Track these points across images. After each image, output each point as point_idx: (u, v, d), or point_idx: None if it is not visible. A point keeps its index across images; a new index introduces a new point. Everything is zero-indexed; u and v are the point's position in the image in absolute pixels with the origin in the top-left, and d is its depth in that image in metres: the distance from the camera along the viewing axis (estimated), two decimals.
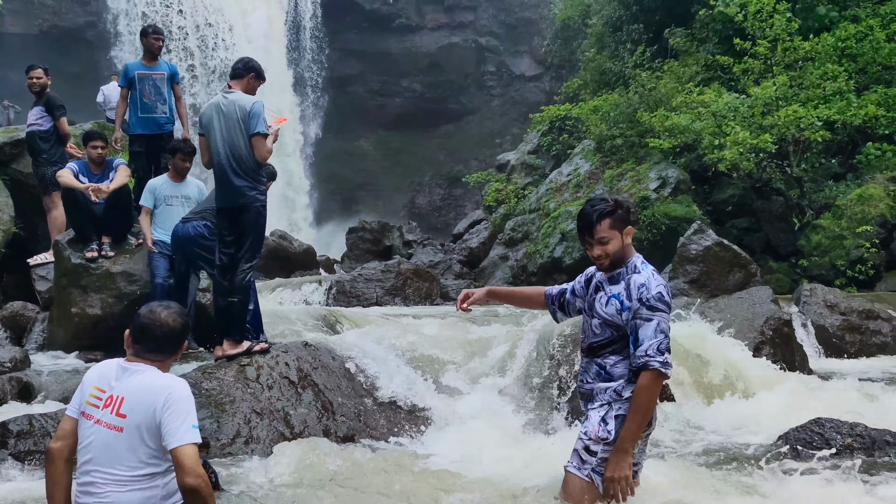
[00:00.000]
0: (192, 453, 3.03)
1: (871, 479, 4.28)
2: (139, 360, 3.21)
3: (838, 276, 12.26)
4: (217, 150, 5.62)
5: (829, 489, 4.05)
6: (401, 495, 4.08)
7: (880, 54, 14.46)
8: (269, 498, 4.09)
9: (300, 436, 5.19)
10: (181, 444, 3.02)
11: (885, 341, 9.23)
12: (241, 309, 5.70)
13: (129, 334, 3.28)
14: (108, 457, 3.08)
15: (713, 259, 10.64)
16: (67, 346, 7.16)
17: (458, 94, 34.47)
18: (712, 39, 16.82)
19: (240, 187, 5.58)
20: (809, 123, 12.98)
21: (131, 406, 3.09)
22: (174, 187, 7.09)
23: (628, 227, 3.67)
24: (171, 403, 3.08)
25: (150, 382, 3.14)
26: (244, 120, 5.53)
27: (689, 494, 4.01)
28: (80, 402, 3.21)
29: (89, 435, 3.12)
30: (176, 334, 3.28)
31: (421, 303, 12.29)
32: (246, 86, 5.77)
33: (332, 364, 5.82)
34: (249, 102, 5.58)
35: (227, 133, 5.58)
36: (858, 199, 12.67)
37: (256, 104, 5.58)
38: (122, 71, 8.26)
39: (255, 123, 5.53)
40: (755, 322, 8.25)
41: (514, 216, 17.84)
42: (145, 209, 7.06)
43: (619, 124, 16.44)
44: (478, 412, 5.81)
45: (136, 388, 3.12)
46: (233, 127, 5.56)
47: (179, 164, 7.10)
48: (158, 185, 7.13)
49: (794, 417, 5.63)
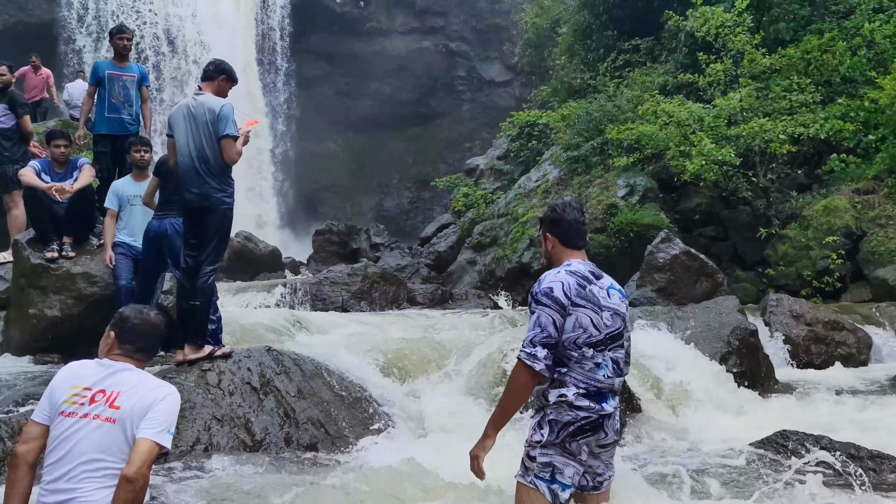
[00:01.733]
0: (150, 450, 3.13)
1: (834, 492, 4.29)
2: (126, 359, 3.36)
3: (804, 286, 12.41)
4: (183, 151, 5.53)
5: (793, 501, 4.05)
6: None
7: (843, 68, 14.74)
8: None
9: (261, 444, 5.11)
10: (147, 438, 3.14)
11: (851, 352, 9.32)
12: (204, 313, 5.57)
13: (114, 336, 3.41)
14: (97, 447, 3.13)
15: (680, 268, 10.69)
16: (23, 349, 6.98)
17: (427, 98, 34.46)
18: (681, 50, 16.99)
19: (206, 189, 5.48)
20: (775, 136, 13.15)
21: (127, 398, 3.21)
22: (137, 187, 6.93)
23: (548, 234, 3.74)
24: (165, 404, 3.24)
25: (146, 379, 3.33)
26: (213, 122, 5.45)
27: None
28: (54, 404, 3.24)
29: (71, 431, 3.16)
30: (162, 335, 3.52)
31: (387, 307, 12.19)
32: (217, 88, 5.68)
33: (295, 370, 5.75)
34: (219, 105, 5.50)
35: (195, 134, 5.49)
36: (824, 210, 12.86)
37: (226, 106, 5.50)
38: (92, 68, 8.11)
39: (224, 126, 5.45)
40: (722, 332, 8.32)
41: (482, 221, 17.82)
42: (111, 212, 6.90)
43: (584, 133, 16.53)
44: (443, 416, 5.83)
45: (134, 382, 3.27)
46: (201, 128, 5.48)
47: (136, 158, 6.94)
48: (121, 185, 6.99)
49: (759, 428, 5.67)
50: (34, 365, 6.58)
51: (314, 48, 33.12)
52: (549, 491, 3.45)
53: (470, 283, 15.84)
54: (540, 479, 3.47)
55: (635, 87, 16.76)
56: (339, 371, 6.02)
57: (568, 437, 3.47)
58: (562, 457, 3.48)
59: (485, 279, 15.80)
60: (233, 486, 4.30)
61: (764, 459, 5.18)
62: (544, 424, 3.52)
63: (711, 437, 5.99)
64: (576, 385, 3.48)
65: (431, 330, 8.45)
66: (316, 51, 33.21)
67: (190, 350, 5.53)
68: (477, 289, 15.01)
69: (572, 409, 3.47)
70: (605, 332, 3.53)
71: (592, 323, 3.52)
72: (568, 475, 3.48)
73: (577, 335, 3.49)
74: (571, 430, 3.47)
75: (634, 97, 15.90)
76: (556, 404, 3.49)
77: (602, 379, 3.51)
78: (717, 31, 14.80)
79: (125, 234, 6.83)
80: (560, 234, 3.70)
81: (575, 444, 3.48)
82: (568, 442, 3.47)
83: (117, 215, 6.89)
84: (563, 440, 3.47)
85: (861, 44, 14.83)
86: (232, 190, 5.65)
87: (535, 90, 24.63)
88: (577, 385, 3.48)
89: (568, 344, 3.51)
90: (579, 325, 3.50)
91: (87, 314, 6.99)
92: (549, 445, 3.48)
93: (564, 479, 3.46)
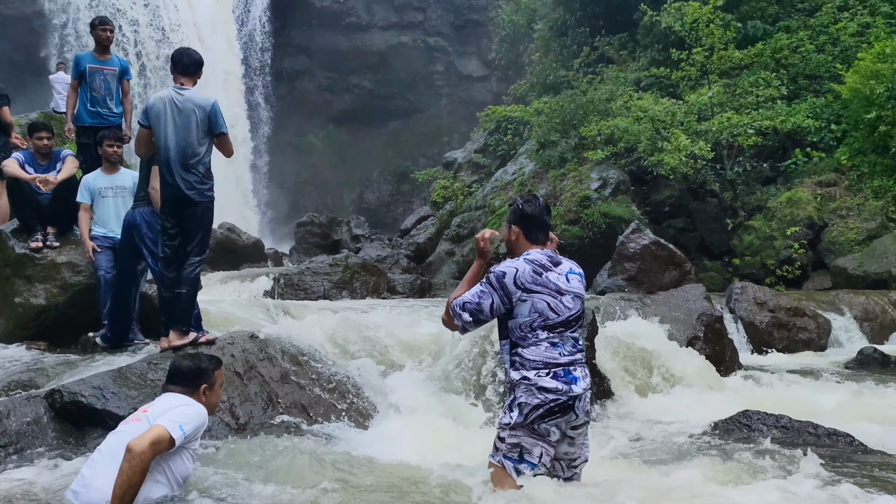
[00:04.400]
0: (157, 432, 3.53)
1: (794, 470, 4.46)
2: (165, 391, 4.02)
3: (768, 274, 12.81)
4: (166, 144, 5.58)
5: (754, 477, 4.23)
6: (342, 486, 4.09)
7: (809, 65, 15.14)
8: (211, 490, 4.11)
9: (245, 427, 5.21)
10: (159, 423, 3.59)
11: (811, 337, 9.72)
12: (189, 300, 5.70)
13: None
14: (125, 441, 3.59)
15: (650, 257, 11.01)
16: (10, 337, 7.07)
17: (406, 92, 34.57)
18: (655, 46, 17.31)
19: (190, 182, 5.58)
20: (742, 130, 13.52)
21: (154, 407, 3.81)
22: (108, 179, 6.98)
23: (513, 225, 3.97)
24: (186, 408, 3.78)
25: (174, 397, 3.92)
26: (204, 119, 5.56)
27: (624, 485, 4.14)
28: None
29: None
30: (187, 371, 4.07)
31: (368, 296, 12.37)
32: (195, 83, 5.77)
33: (278, 356, 5.83)
34: (208, 102, 5.60)
35: (182, 129, 5.56)
36: (788, 202, 13.27)
37: (215, 103, 5.63)
38: (74, 61, 8.10)
39: (219, 123, 5.61)
40: (689, 318, 8.57)
41: (460, 213, 18.05)
42: (84, 206, 6.96)
43: (559, 127, 16.80)
44: (424, 403, 5.92)
45: (164, 399, 3.90)
46: (188, 124, 5.56)
47: (108, 151, 6.97)
48: (92, 179, 7.03)
49: (723, 409, 5.86)
50: (25, 351, 6.69)
51: (294, 42, 33.10)
52: (514, 471, 3.66)
53: (448, 273, 16.10)
54: (508, 458, 3.68)
55: (609, 82, 17.06)
56: (322, 357, 6.14)
57: (537, 418, 3.64)
58: (530, 437, 3.65)
59: (463, 269, 16.02)
60: (218, 460, 4.48)
61: (726, 437, 5.38)
62: (514, 407, 3.70)
63: (677, 418, 6.12)
64: (535, 368, 3.67)
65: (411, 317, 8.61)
66: (296, 45, 33.19)
67: (175, 336, 5.63)
68: (455, 279, 15.26)
69: (541, 391, 3.63)
70: (566, 314, 3.74)
71: (550, 307, 3.72)
72: (535, 455, 3.66)
73: (533, 319, 3.71)
74: (540, 412, 3.63)
75: (608, 92, 16.20)
76: (525, 388, 3.67)
77: (558, 357, 3.71)
78: (692, 26, 15.11)
79: (98, 226, 6.91)
80: (524, 227, 3.92)
81: (544, 426, 3.65)
82: (537, 423, 3.64)
83: (90, 208, 6.97)
84: (531, 422, 3.64)
85: (827, 41, 15.24)
86: (212, 184, 5.75)
87: (512, 85, 24.87)
88: (537, 367, 3.68)
89: (524, 327, 3.73)
90: (535, 309, 3.71)
91: (72, 302, 7.08)
92: (517, 427, 3.66)
93: (532, 458, 3.65)
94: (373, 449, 4.93)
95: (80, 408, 4.85)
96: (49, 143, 7.37)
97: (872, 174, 13.41)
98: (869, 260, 11.99)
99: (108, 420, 4.81)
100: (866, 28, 15.24)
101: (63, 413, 4.88)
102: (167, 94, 5.66)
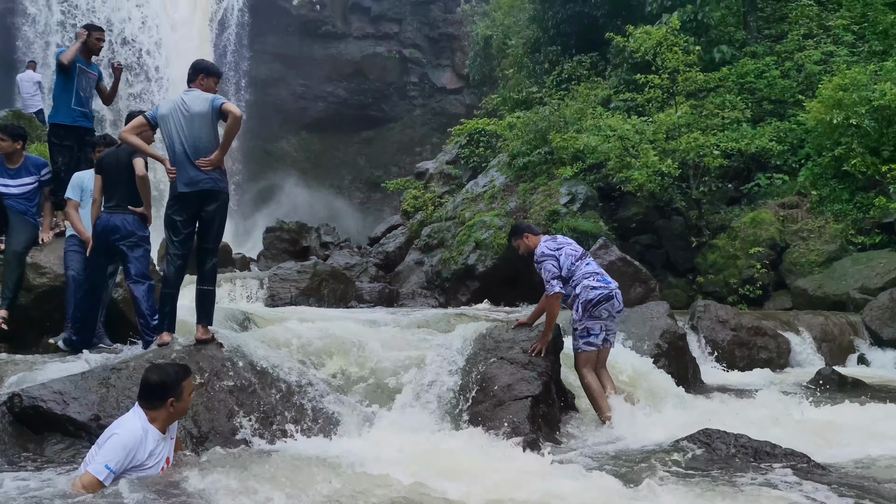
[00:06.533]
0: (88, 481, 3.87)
1: (753, 488, 4.48)
2: None
3: (731, 293, 13.03)
4: (180, 139, 5.79)
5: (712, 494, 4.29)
6: (304, 495, 4.10)
7: (774, 90, 15.49)
8: None
9: (207, 436, 5.15)
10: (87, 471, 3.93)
11: (771, 356, 9.85)
12: (213, 296, 5.98)
13: None
14: None
15: (616, 273, 11.11)
16: None
17: (380, 102, 34.62)
18: (624, 66, 17.57)
19: (209, 176, 5.79)
20: (709, 150, 13.78)
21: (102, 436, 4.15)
22: None
23: (518, 238, 6.70)
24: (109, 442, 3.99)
25: None
26: (209, 112, 5.80)
27: None
28: None
29: None
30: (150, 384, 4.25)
31: (336, 304, 12.35)
32: (200, 86, 5.96)
33: (242, 364, 5.78)
34: (209, 98, 5.85)
35: (190, 125, 5.79)
36: (751, 222, 13.54)
37: (217, 98, 5.87)
38: (59, 52, 7.90)
39: (220, 106, 5.83)
40: (653, 335, 8.62)
41: (430, 223, 18.09)
42: (72, 202, 6.94)
43: (531, 142, 16.97)
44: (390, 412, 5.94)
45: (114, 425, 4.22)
46: (195, 119, 5.79)
47: None
48: (86, 178, 7.01)
49: (685, 427, 5.86)
50: None
51: (270, 49, 33.00)
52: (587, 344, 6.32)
53: (417, 282, 16.10)
54: (580, 338, 6.34)
55: (579, 99, 17.28)
56: (286, 366, 6.09)
57: (591, 307, 6.24)
58: (590, 320, 6.28)
59: (431, 280, 16.10)
60: None
61: (685, 454, 5.44)
62: (578, 307, 6.30)
63: (638, 434, 6.18)
64: (586, 283, 6.29)
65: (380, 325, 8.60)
66: (272, 52, 33.10)
67: (201, 331, 5.83)
68: (423, 289, 15.29)
69: (592, 290, 6.26)
70: (579, 253, 6.53)
71: (569, 254, 6.42)
72: (595, 331, 6.31)
73: (570, 262, 6.37)
74: (594, 301, 6.24)
75: (578, 109, 16.41)
76: (583, 290, 6.27)
77: (591, 271, 6.38)
78: (655, 50, 15.38)
79: None
80: (528, 230, 6.66)
81: (598, 310, 6.27)
82: (592, 311, 6.25)
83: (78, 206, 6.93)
84: (589, 311, 6.26)
85: (792, 67, 15.61)
86: (226, 179, 6.09)
87: (485, 98, 25.03)
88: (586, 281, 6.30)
89: (568, 268, 6.36)
90: (566, 256, 6.38)
91: (36, 304, 7.04)
92: (582, 318, 6.30)
93: (595, 333, 6.32)
94: (338, 458, 4.91)
95: (40, 413, 4.79)
96: (3, 145, 7.20)
97: (833, 199, 13.73)
98: (828, 282, 12.19)
99: (69, 426, 4.76)
100: (830, 56, 15.67)
101: (22, 418, 4.81)
102: (174, 99, 6.00)
